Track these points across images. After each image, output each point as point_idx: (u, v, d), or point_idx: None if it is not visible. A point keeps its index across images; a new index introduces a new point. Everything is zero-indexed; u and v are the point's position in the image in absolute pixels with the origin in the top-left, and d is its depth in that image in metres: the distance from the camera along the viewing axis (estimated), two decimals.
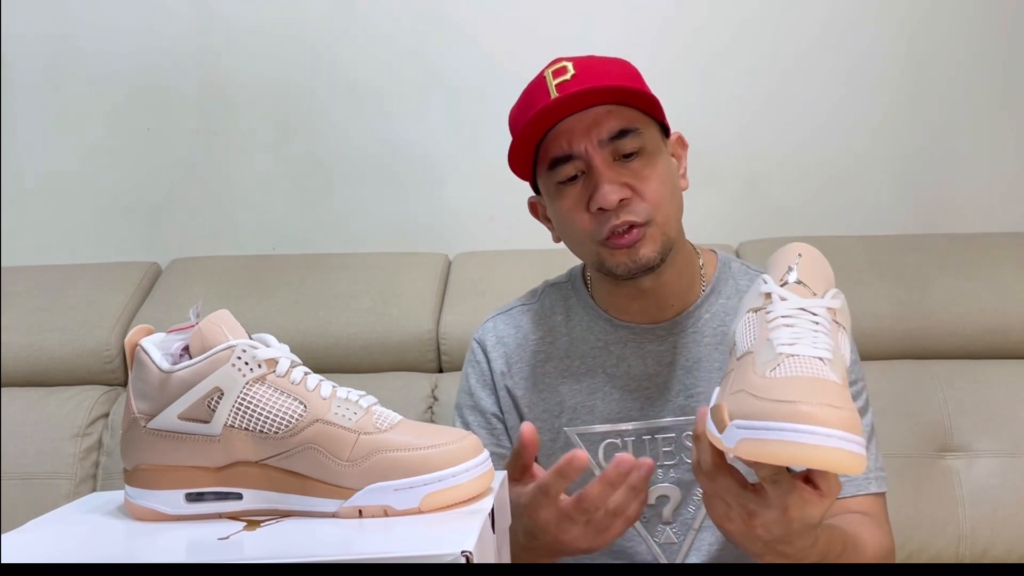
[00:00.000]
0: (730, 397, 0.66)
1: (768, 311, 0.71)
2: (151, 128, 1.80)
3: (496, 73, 1.74)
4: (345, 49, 1.77)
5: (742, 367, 0.68)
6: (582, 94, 0.90)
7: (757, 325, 0.71)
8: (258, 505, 0.62)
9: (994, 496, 1.39)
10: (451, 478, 0.61)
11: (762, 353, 0.68)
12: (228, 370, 0.61)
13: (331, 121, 1.78)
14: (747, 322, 0.72)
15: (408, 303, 1.58)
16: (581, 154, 0.92)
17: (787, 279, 0.74)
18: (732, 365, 0.71)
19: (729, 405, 0.65)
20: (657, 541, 0.96)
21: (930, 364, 1.49)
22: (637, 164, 0.92)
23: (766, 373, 0.65)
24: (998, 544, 1.37)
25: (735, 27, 1.74)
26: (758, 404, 0.62)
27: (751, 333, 0.71)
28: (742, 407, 0.64)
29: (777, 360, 0.66)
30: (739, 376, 0.67)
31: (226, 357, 0.61)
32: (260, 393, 0.62)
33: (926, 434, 1.42)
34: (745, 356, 0.69)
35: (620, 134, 0.92)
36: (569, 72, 0.92)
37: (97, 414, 1.52)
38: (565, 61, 0.94)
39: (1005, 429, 1.42)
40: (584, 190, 0.93)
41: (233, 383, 0.61)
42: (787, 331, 0.69)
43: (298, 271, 1.65)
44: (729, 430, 0.63)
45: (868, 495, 0.95)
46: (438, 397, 1.51)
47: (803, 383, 0.63)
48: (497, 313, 1.09)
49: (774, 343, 0.68)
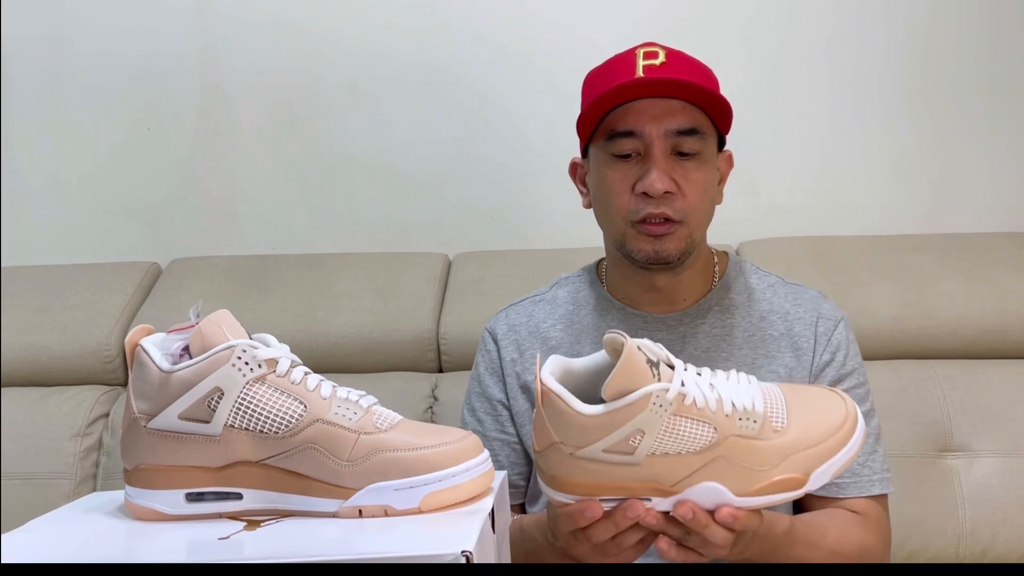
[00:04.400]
0: (774, 469, 0.70)
1: (694, 400, 0.71)
2: (151, 128, 1.80)
3: (496, 73, 1.74)
4: (345, 49, 1.77)
5: (730, 449, 0.69)
6: (670, 83, 0.93)
7: (695, 416, 0.71)
8: (258, 505, 0.62)
9: (994, 496, 1.39)
10: (451, 478, 0.61)
11: (738, 427, 0.70)
12: (228, 370, 0.61)
13: (331, 121, 1.78)
14: (676, 430, 0.69)
15: (408, 303, 1.58)
16: (645, 136, 0.95)
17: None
18: (704, 460, 0.70)
19: (789, 474, 0.70)
20: None
21: (930, 364, 1.49)
22: (691, 165, 0.96)
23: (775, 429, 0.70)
24: (998, 544, 1.37)
25: (735, 27, 1.74)
26: (816, 452, 0.70)
27: (696, 428, 0.70)
28: (807, 461, 0.70)
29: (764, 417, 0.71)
30: (741, 456, 0.70)
31: (226, 357, 0.61)
32: (260, 393, 0.62)
33: (926, 434, 1.42)
34: (723, 442, 0.70)
35: (688, 132, 0.95)
36: (659, 58, 0.95)
37: (97, 414, 1.52)
38: (657, 47, 0.97)
39: (1005, 429, 1.42)
40: (635, 170, 0.96)
41: (233, 383, 0.61)
42: (725, 397, 0.73)
43: (298, 271, 1.65)
44: (816, 478, 0.70)
45: (868, 497, 0.98)
46: (438, 397, 1.51)
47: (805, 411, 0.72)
48: (510, 305, 1.12)
49: (741, 407, 0.71)
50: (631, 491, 0.69)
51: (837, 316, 1.05)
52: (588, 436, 0.68)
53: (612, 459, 0.68)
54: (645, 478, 0.68)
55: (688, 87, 0.94)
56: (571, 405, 0.68)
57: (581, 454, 0.68)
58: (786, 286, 1.07)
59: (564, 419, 0.68)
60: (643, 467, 0.68)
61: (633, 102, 0.95)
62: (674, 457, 0.67)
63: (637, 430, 0.67)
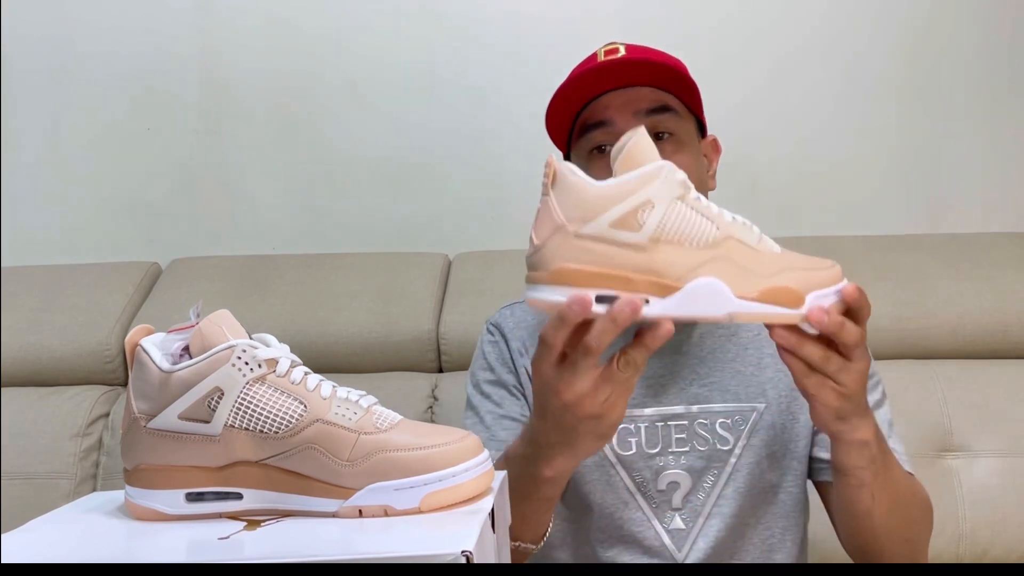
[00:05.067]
0: (773, 278, 0.67)
1: (696, 196, 0.69)
2: (151, 128, 1.80)
3: (497, 73, 1.74)
4: (345, 49, 1.77)
5: (731, 250, 0.67)
6: (629, 63, 0.93)
7: (699, 210, 0.68)
8: (258, 505, 0.62)
9: (994, 496, 1.39)
10: (451, 478, 0.61)
11: (739, 231, 0.69)
12: (228, 370, 0.61)
13: (331, 121, 1.78)
14: (683, 214, 0.67)
15: (408, 303, 1.58)
16: (615, 123, 0.94)
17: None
18: (705, 257, 0.67)
19: (786, 283, 0.68)
20: (666, 527, 0.96)
21: (930, 364, 1.49)
22: (668, 148, 0.94)
23: (770, 249, 0.69)
24: (998, 544, 1.37)
25: (735, 27, 1.74)
26: (810, 275, 0.69)
27: (701, 220, 0.68)
28: (805, 280, 0.68)
29: (760, 236, 0.70)
30: (742, 257, 0.67)
31: (226, 357, 0.61)
32: (260, 393, 0.62)
33: (926, 434, 1.43)
34: (724, 242, 0.68)
35: (658, 109, 0.94)
36: (620, 52, 0.95)
37: (97, 414, 1.52)
38: (618, 44, 0.97)
39: (1005, 429, 1.42)
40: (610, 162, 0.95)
41: (233, 383, 0.61)
42: (723, 210, 0.71)
43: (298, 271, 1.65)
44: (811, 301, 0.68)
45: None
46: (438, 397, 1.51)
47: (797, 255, 0.70)
48: (512, 303, 1.10)
49: (741, 221, 0.69)
50: (631, 284, 0.66)
51: None
52: (597, 206, 0.65)
53: (618, 237, 0.65)
54: (648, 267, 0.66)
55: (647, 65, 0.93)
56: (581, 178, 0.67)
57: (586, 230, 0.65)
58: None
59: (573, 193, 0.66)
60: (648, 252, 0.65)
61: (601, 96, 0.95)
62: (679, 245, 0.66)
63: (647, 201, 0.65)
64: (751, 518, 0.97)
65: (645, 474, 0.97)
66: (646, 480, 0.97)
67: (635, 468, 0.97)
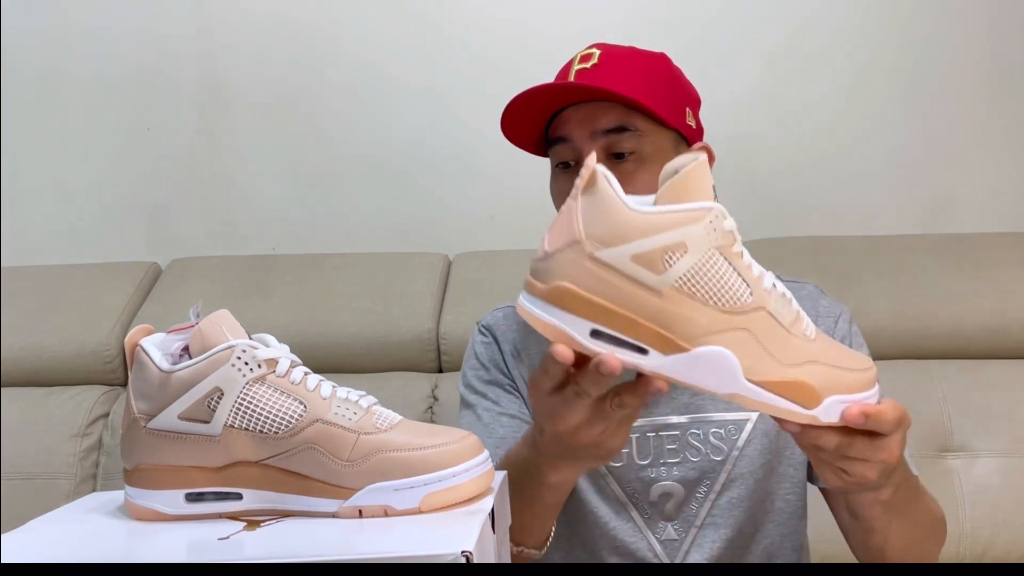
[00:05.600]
0: (795, 369, 0.59)
1: (741, 251, 0.60)
2: (151, 128, 1.80)
3: (497, 72, 1.74)
4: (345, 49, 1.77)
5: (758, 323, 0.59)
6: (596, 73, 0.90)
7: (737, 268, 0.60)
8: (258, 505, 0.62)
9: (994, 496, 1.39)
10: (451, 478, 0.61)
11: (774, 304, 0.60)
12: (228, 370, 0.61)
13: (331, 121, 1.78)
14: (718, 268, 0.59)
15: (408, 303, 1.58)
16: (575, 141, 0.91)
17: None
18: (728, 323, 0.59)
19: (806, 378, 0.60)
20: (659, 538, 0.96)
21: (930, 364, 1.49)
22: (628, 167, 0.90)
23: (804, 333, 0.61)
24: (998, 544, 1.37)
25: (735, 27, 1.74)
26: (837, 375, 0.61)
27: (736, 280, 0.59)
28: (829, 379, 0.60)
29: (797, 315, 0.61)
30: (767, 335, 0.59)
31: (226, 357, 0.61)
32: (260, 393, 0.62)
33: (926, 434, 1.42)
34: (754, 312, 0.59)
35: (616, 130, 0.90)
36: (593, 60, 0.92)
37: (97, 414, 1.52)
38: (595, 48, 0.93)
39: (1005, 429, 1.42)
40: (571, 179, 0.91)
41: (233, 383, 0.61)
42: (767, 273, 0.61)
43: (298, 271, 1.65)
44: (826, 405, 0.60)
45: None
46: (438, 397, 1.51)
47: (833, 344, 0.63)
48: (506, 304, 1.08)
49: (780, 292, 0.61)
50: (635, 328, 0.58)
51: (836, 312, 1.01)
52: (624, 233, 0.57)
53: (636, 273, 0.57)
54: (660, 316, 0.58)
55: (611, 77, 0.89)
56: (618, 193, 0.58)
57: (604, 255, 0.58)
58: (782, 284, 1.03)
59: (603, 208, 0.58)
60: (664, 300, 0.57)
61: (564, 109, 0.92)
62: (701, 302, 0.58)
63: (681, 243, 0.57)
64: (748, 527, 0.96)
65: (636, 485, 0.96)
66: (637, 491, 0.96)
67: (626, 479, 0.96)
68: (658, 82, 0.94)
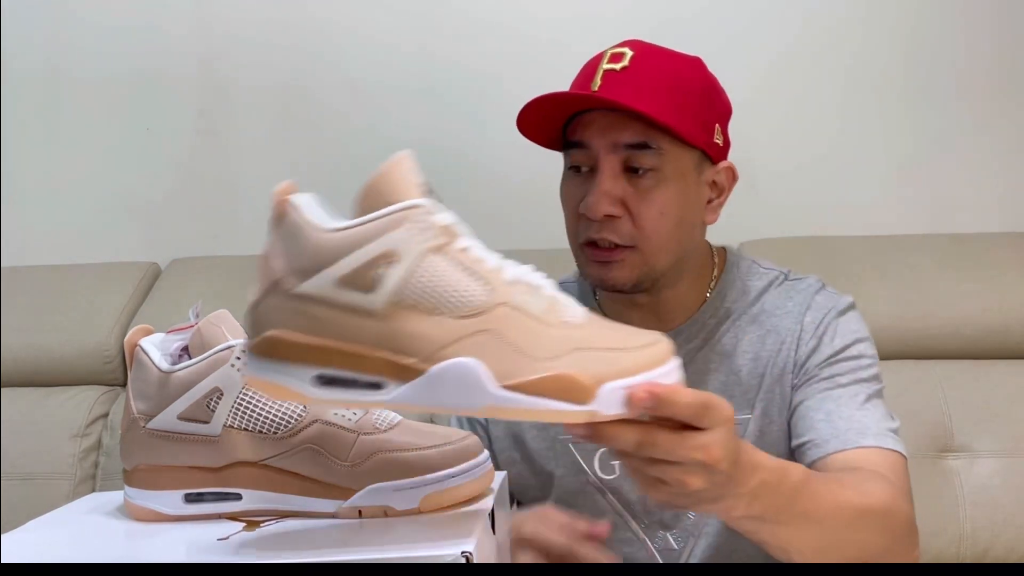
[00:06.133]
0: (555, 361, 0.51)
1: (466, 246, 0.54)
2: (151, 128, 1.80)
3: (497, 72, 1.74)
4: (345, 49, 1.77)
5: (504, 321, 0.51)
6: (625, 80, 0.85)
7: (466, 265, 0.53)
8: (258, 505, 0.62)
9: (994, 496, 1.39)
10: (451, 479, 0.61)
11: (519, 296, 0.53)
12: (227, 370, 0.61)
13: (331, 121, 1.78)
14: (439, 271, 0.52)
15: None
16: (593, 149, 0.88)
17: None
18: (466, 329, 0.51)
19: (569, 370, 0.50)
20: (657, 547, 0.95)
21: (930, 364, 1.48)
22: (646, 183, 0.87)
23: (563, 320, 0.53)
24: (999, 544, 1.37)
25: (735, 26, 1.74)
26: (612, 359, 0.51)
27: (466, 280, 0.53)
28: (602, 365, 0.51)
29: (552, 301, 0.53)
30: (517, 331, 0.51)
31: (225, 357, 0.61)
32: (259, 394, 0.62)
33: (926, 434, 1.42)
34: (496, 310, 0.52)
35: (637, 146, 0.86)
36: (623, 61, 0.87)
37: (97, 414, 1.52)
38: (627, 47, 0.88)
39: (1005, 429, 1.42)
40: (583, 186, 0.89)
41: (232, 383, 0.61)
42: (509, 263, 0.55)
43: None
44: (604, 395, 0.51)
45: (874, 448, 0.84)
46: None
47: (609, 325, 0.54)
48: None
49: (528, 281, 0.54)
50: (362, 362, 0.50)
51: (828, 305, 0.95)
52: (322, 258, 0.51)
53: (346, 298, 0.51)
54: (386, 340, 0.50)
55: (637, 90, 0.84)
56: (309, 217, 0.53)
57: (306, 288, 0.51)
58: (784, 284, 0.98)
59: (296, 237, 0.53)
60: (386, 321, 0.50)
61: (585, 112, 0.88)
62: (428, 314, 0.50)
63: (386, 252, 0.51)
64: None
65: (630, 496, 0.95)
66: (632, 502, 0.95)
67: (621, 491, 0.95)
68: (689, 95, 0.89)
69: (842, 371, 0.91)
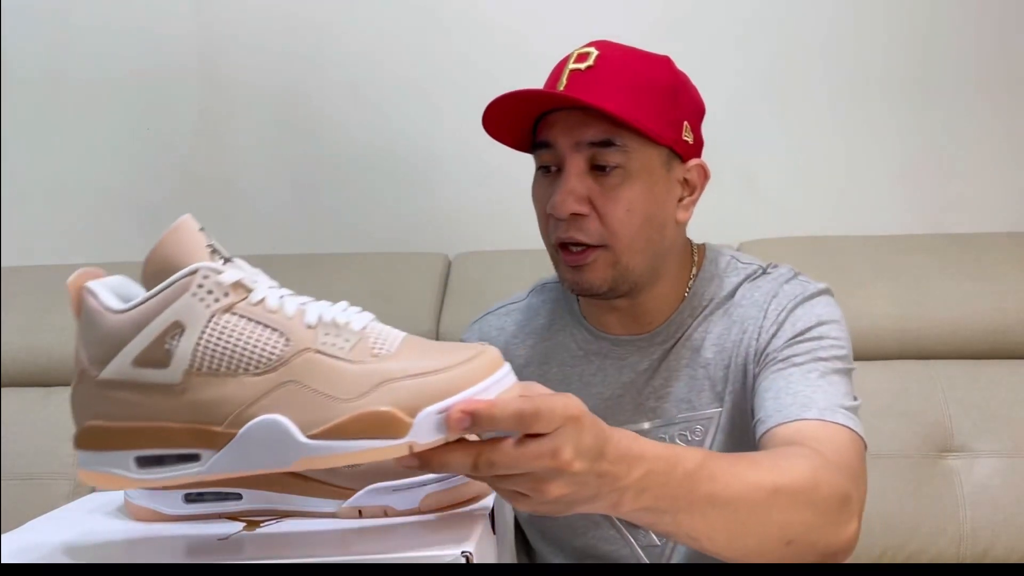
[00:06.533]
0: (362, 400, 0.50)
1: (261, 298, 0.53)
2: (151, 128, 1.80)
3: (497, 72, 1.74)
4: (345, 49, 1.77)
5: (307, 368, 0.51)
6: (589, 79, 0.85)
7: (260, 319, 0.52)
8: (258, 505, 0.62)
9: (994, 496, 1.39)
10: (451, 478, 0.61)
11: (321, 339, 0.52)
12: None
13: (331, 121, 1.78)
14: (232, 331, 0.51)
15: (408, 303, 1.58)
16: (558, 148, 0.88)
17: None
18: (267, 384, 0.51)
19: (378, 405, 0.50)
20: (640, 544, 0.95)
21: (930, 364, 1.48)
22: (612, 181, 0.87)
23: (374, 352, 0.52)
24: (999, 544, 1.37)
25: (735, 27, 1.74)
26: (425, 384, 0.50)
27: (263, 333, 0.52)
28: (414, 393, 0.50)
29: (361, 335, 0.53)
30: (321, 377, 0.50)
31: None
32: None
33: (926, 434, 1.42)
34: (297, 358, 0.51)
35: (602, 144, 0.86)
36: (589, 60, 0.87)
37: None
38: (593, 47, 0.88)
39: (1005, 429, 1.42)
40: (552, 186, 0.89)
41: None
42: (311, 303, 0.54)
43: (298, 271, 1.65)
44: (419, 424, 0.50)
45: (815, 421, 0.80)
46: None
47: (423, 350, 0.53)
48: (485, 313, 1.08)
49: (332, 319, 0.53)
50: (172, 437, 0.50)
51: (795, 292, 0.93)
52: (116, 341, 0.51)
53: (144, 377, 0.50)
54: (190, 411, 0.50)
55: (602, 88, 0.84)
56: (102, 302, 0.53)
57: (107, 374, 0.52)
58: (757, 278, 0.96)
59: (93, 324, 0.53)
60: (184, 392, 0.50)
61: (551, 112, 0.88)
62: (229, 376, 0.50)
63: (173, 324, 0.50)
64: None
65: None
66: None
67: None
68: (655, 93, 0.89)
69: (800, 351, 0.88)
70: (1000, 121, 1.74)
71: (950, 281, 1.53)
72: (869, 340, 1.47)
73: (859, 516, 0.73)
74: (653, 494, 0.59)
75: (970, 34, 1.72)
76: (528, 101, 0.88)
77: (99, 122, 1.79)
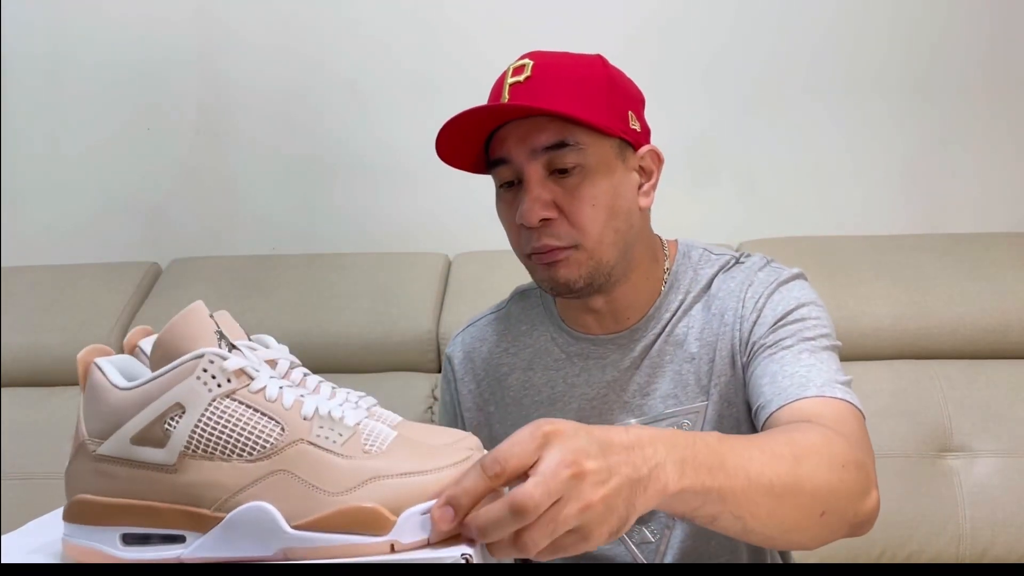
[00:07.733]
0: (349, 495, 0.51)
1: (262, 387, 0.54)
2: (151, 128, 1.80)
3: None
4: (345, 49, 1.77)
5: (298, 458, 0.52)
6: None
7: (259, 407, 0.53)
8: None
9: (994, 496, 1.39)
10: None
11: (315, 431, 0.53)
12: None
13: (331, 121, 1.78)
14: (231, 416, 0.53)
15: (408, 303, 1.58)
16: (515, 161, 0.89)
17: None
18: (259, 472, 0.52)
19: (364, 502, 0.51)
20: (634, 541, 0.96)
21: (930, 364, 1.49)
22: (573, 181, 0.88)
23: (365, 448, 0.53)
24: (998, 544, 1.37)
25: (735, 27, 1.74)
26: (411, 484, 0.51)
27: (260, 421, 0.53)
28: (399, 492, 0.51)
29: (355, 430, 0.54)
30: (311, 468, 0.51)
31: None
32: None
33: (926, 434, 1.43)
34: (290, 448, 0.52)
35: (556, 146, 0.87)
36: (526, 72, 0.89)
37: None
38: (527, 59, 0.90)
39: (1005, 429, 1.42)
40: (516, 200, 0.90)
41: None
42: (309, 396, 0.55)
43: (298, 271, 1.65)
44: (403, 523, 0.51)
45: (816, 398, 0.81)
46: (438, 397, 1.51)
47: (416, 448, 0.54)
48: (468, 325, 1.08)
49: (329, 412, 0.54)
50: (159, 516, 0.52)
51: (769, 279, 0.94)
52: (118, 417, 0.53)
53: (140, 455, 0.52)
54: (180, 492, 0.52)
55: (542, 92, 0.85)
56: (109, 378, 0.55)
57: (105, 449, 0.53)
58: (731, 268, 0.97)
59: (98, 399, 0.55)
60: (178, 473, 0.52)
61: (501, 127, 0.89)
62: (222, 461, 0.51)
63: (175, 405, 0.52)
64: None
65: None
66: None
67: None
68: (596, 89, 0.90)
69: (785, 335, 0.89)
70: (1000, 121, 1.74)
71: (950, 281, 1.53)
72: (869, 340, 1.48)
73: (876, 485, 0.75)
74: (692, 466, 0.58)
75: (970, 34, 1.73)
76: (476, 120, 0.89)
77: (99, 122, 1.80)
